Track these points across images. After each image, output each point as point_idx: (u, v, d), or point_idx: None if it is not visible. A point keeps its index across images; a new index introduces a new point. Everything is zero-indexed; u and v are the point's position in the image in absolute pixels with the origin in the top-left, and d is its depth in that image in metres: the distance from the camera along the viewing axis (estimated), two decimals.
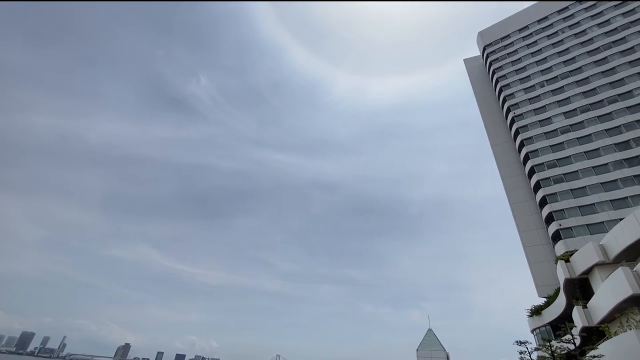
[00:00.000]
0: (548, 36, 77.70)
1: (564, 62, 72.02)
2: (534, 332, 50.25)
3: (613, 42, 68.07)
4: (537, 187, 61.56)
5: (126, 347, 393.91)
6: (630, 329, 24.88)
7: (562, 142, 62.95)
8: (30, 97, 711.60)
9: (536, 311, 49.58)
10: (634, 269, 26.13)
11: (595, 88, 64.97)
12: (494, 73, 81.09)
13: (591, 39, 71.33)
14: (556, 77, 71.06)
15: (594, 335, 31.01)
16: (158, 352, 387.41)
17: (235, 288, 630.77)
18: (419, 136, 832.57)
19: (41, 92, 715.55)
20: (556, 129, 65.09)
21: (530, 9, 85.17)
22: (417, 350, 62.36)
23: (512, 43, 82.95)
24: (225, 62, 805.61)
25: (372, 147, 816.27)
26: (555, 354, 27.59)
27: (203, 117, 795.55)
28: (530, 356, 28.09)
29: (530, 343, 29.02)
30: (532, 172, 63.57)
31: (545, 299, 51.05)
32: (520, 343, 28.59)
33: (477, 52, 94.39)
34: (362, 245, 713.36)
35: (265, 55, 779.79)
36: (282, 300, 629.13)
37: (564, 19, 77.61)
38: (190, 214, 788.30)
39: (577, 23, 75.15)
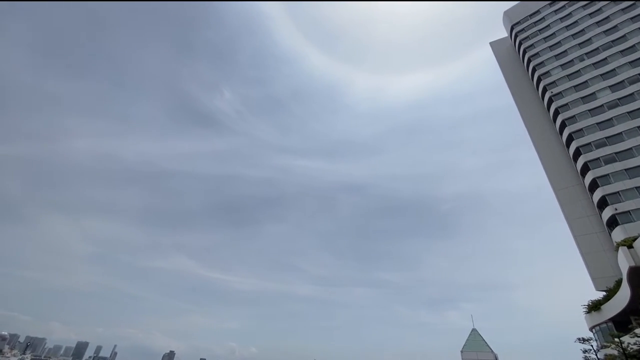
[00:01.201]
0: (584, 6, 71.54)
1: (605, 31, 65.89)
2: (594, 330, 45.23)
3: None
4: (585, 169, 56.14)
5: (171, 355, 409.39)
6: None
7: (611, 118, 57.17)
8: (70, 122, 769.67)
9: (594, 306, 44.67)
10: None
11: None
12: (525, 52, 75.77)
13: (634, 3, 64.83)
14: (597, 48, 65.03)
15: None
16: (200, 359, 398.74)
17: (269, 294, 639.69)
18: (445, 130, 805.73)
19: (79, 117, 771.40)
20: (602, 105, 59.31)
21: None
22: (462, 351, 58.27)
23: (543, 18, 77.24)
24: (245, 73, 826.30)
25: (396, 145, 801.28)
26: (627, 352, 24.01)
27: (227, 129, 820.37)
28: (596, 355, 24.65)
29: (595, 340, 25.60)
30: (577, 153, 58.16)
31: (604, 293, 45.92)
32: (582, 341, 25.25)
33: (504, 34, 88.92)
34: (393, 246, 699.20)
35: (282, 63, 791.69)
36: (316, 305, 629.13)
37: None
38: (221, 223, 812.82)
39: None
